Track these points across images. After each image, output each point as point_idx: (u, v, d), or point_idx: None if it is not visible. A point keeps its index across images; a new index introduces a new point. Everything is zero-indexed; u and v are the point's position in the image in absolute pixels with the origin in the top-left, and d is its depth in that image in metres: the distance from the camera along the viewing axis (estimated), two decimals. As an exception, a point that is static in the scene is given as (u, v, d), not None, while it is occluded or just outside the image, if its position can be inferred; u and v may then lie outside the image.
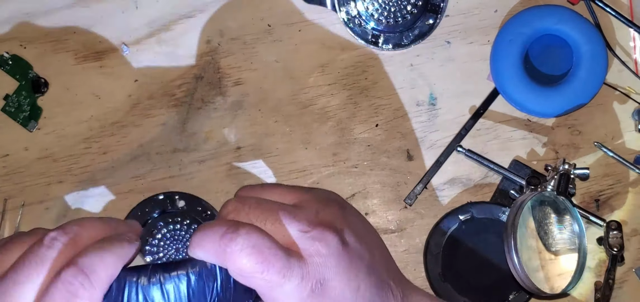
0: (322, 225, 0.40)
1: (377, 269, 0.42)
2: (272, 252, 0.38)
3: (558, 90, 0.59)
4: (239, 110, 0.62)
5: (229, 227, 0.39)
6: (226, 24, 0.62)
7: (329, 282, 0.39)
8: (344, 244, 0.41)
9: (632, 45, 0.61)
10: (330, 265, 0.39)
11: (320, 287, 0.39)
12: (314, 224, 0.40)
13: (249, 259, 0.38)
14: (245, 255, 0.38)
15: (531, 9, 0.60)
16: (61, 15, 0.62)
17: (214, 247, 0.38)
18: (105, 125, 0.62)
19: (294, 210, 0.41)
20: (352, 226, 0.43)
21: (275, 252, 0.38)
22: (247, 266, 0.38)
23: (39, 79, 0.62)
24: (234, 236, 0.38)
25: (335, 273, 0.39)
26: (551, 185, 0.57)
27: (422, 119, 0.62)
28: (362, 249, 0.42)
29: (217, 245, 0.38)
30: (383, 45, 0.61)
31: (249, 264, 0.38)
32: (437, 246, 0.60)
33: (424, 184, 0.61)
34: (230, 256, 0.38)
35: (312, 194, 0.44)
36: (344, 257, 0.40)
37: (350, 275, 0.40)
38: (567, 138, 0.61)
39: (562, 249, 0.56)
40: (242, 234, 0.38)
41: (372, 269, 0.42)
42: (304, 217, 0.41)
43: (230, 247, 0.38)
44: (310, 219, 0.41)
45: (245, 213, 0.41)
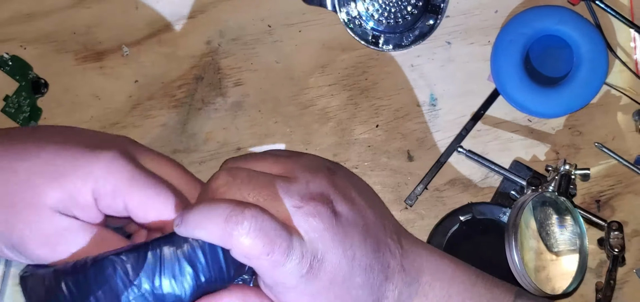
0: (314, 199, 0.40)
1: (372, 231, 0.42)
2: (277, 233, 0.38)
3: (559, 91, 0.59)
4: (239, 111, 0.62)
5: (234, 208, 0.38)
6: (226, 24, 0.62)
7: (325, 255, 0.39)
8: (337, 215, 0.41)
9: (632, 45, 0.61)
10: (325, 239, 0.39)
11: (318, 262, 0.39)
12: (307, 198, 0.40)
13: (256, 242, 0.37)
14: (251, 238, 0.37)
15: (532, 10, 0.60)
16: (61, 16, 0.62)
17: (219, 229, 0.38)
18: (105, 126, 0.62)
19: (286, 184, 0.41)
20: (343, 191, 0.42)
21: (280, 233, 0.38)
22: (253, 249, 0.38)
23: (38, 79, 0.62)
24: (241, 219, 0.38)
25: (330, 247, 0.40)
26: (552, 186, 0.57)
27: (422, 119, 0.62)
28: (356, 215, 0.42)
29: (223, 228, 0.38)
30: (383, 46, 0.61)
31: (255, 246, 0.38)
32: (438, 247, 0.60)
33: (425, 185, 0.61)
34: (236, 239, 0.38)
35: (300, 162, 0.44)
36: (338, 229, 0.40)
37: (345, 246, 0.40)
38: (567, 139, 0.61)
39: (563, 250, 0.56)
40: (248, 217, 0.38)
41: (367, 233, 0.42)
42: (296, 191, 0.40)
43: (237, 231, 0.37)
44: (302, 193, 0.40)
45: (237, 188, 0.40)
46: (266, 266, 0.38)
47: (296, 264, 0.38)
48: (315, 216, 0.40)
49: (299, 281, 0.39)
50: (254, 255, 0.38)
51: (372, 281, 0.41)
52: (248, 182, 0.41)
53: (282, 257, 0.38)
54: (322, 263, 0.39)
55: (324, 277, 0.39)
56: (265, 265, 0.38)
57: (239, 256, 0.38)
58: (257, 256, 0.38)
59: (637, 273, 0.61)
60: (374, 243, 0.42)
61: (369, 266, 0.41)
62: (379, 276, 0.42)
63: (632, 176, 0.61)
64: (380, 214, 0.45)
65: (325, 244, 0.39)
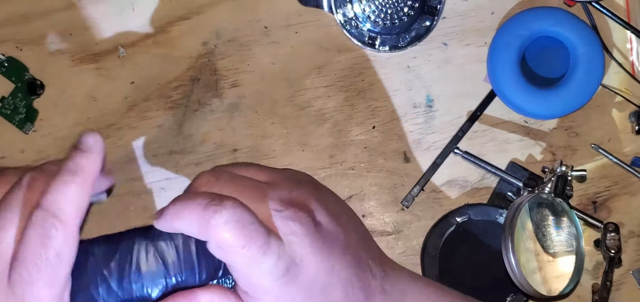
0: (295, 205, 0.40)
1: (353, 248, 0.42)
2: (254, 227, 0.37)
3: (555, 92, 0.59)
4: (236, 112, 0.62)
5: (213, 199, 0.38)
6: (223, 25, 0.62)
7: (303, 262, 0.39)
8: (317, 225, 0.40)
9: (629, 47, 0.61)
10: (304, 245, 0.39)
11: (295, 266, 0.38)
12: (288, 204, 0.40)
13: (233, 233, 0.37)
14: (228, 228, 0.37)
15: (528, 11, 0.60)
16: (57, 17, 0.62)
17: (197, 217, 0.37)
18: (101, 127, 0.62)
19: (268, 188, 0.41)
20: (325, 205, 0.42)
21: (257, 228, 0.37)
22: (229, 240, 0.37)
23: (35, 81, 0.62)
24: (219, 208, 0.37)
25: (309, 253, 0.39)
26: (548, 187, 0.57)
27: (419, 121, 0.61)
28: (337, 229, 0.41)
29: (201, 215, 0.37)
30: (380, 47, 0.61)
31: (231, 237, 0.37)
32: (435, 248, 0.60)
33: (421, 186, 0.61)
34: (213, 228, 0.37)
35: (284, 174, 0.44)
36: (317, 238, 0.39)
37: (323, 254, 0.39)
38: (564, 140, 0.61)
39: (559, 251, 0.56)
40: (227, 206, 0.37)
41: (347, 248, 0.41)
42: (278, 195, 0.40)
43: (215, 219, 0.37)
44: (283, 198, 0.40)
45: (219, 188, 0.40)
46: (241, 261, 0.37)
47: (273, 264, 0.37)
48: (295, 220, 0.39)
49: (275, 284, 0.38)
50: (230, 246, 0.37)
51: (351, 297, 0.40)
52: (230, 183, 0.40)
53: (257, 254, 0.37)
54: (299, 269, 0.38)
55: (301, 283, 0.39)
56: (240, 261, 0.37)
57: (215, 248, 0.38)
58: (233, 247, 0.37)
59: (634, 274, 0.61)
60: (354, 260, 0.41)
61: (348, 280, 0.40)
62: (359, 293, 0.41)
63: (629, 177, 0.61)
64: (362, 237, 0.44)
65: (304, 249, 0.39)
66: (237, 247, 0.37)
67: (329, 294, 0.40)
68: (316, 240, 0.39)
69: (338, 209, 0.44)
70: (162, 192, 0.61)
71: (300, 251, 0.39)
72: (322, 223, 0.41)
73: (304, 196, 0.41)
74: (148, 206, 0.61)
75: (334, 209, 0.43)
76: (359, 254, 0.42)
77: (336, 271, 0.40)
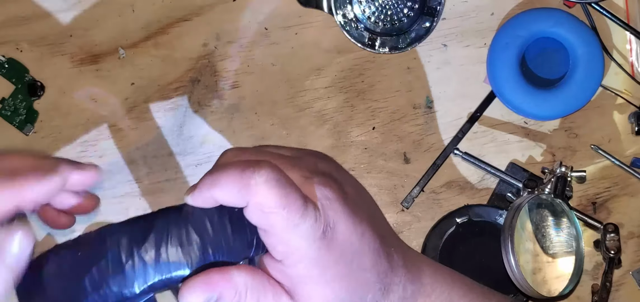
0: (323, 173, 0.40)
1: (376, 222, 0.42)
2: (292, 189, 0.37)
3: (555, 93, 0.59)
4: (236, 113, 0.62)
5: (249, 162, 0.37)
6: (223, 27, 0.62)
7: (337, 226, 0.38)
8: (345, 192, 0.40)
9: (628, 48, 0.61)
10: (337, 209, 0.38)
11: (331, 230, 0.38)
12: (316, 172, 0.40)
13: (273, 193, 0.36)
14: (269, 188, 0.36)
15: (527, 12, 0.60)
16: (58, 19, 0.62)
17: (235, 181, 0.36)
18: (101, 128, 0.62)
19: (294, 159, 0.41)
20: (348, 180, 0.42)
21: (294, 189, 0.37)
22: (271, 199, 0.36)
23: (35, 82, 0.62)
24: (258, 168, 0.36)
25: (341, 218, 0.39)
26: (548, 188, 0.57)
27: (418, 122, 0.61)
28: (361, 201, 0.42)
29: (239, 179, 0.36)
30: (380, 48, 0.61)
31: (273, 197, 0.36)
32: (434, 249, 0.60)
33: (421, 187, 0.61)
34: (254, 188, 0.36)
35: (306, 151, 0.44)
36: (348, 203, 0.39)
37: (355, 220, 0.39)
38: (563, 141, 0.61)
39: (559, 252, 0.55)
40: (266, 167, 0.37)
41: (374, 219, 0.41)
42: (304, 165, 0.40)
43: (255, 179, 0.36)
44: (310, 168, 0.40)
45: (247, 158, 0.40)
46: (281, 224, 0.37)
47: (310, 225, 0.37)
48: (325, 185, 0.39)
49: (311, 249, 0.37)
50: (271, 206, 0.36)
51: (379, 267, 0.40)
52: (258, 153, 0.40)
53: (296, 215, 0.36)
54: (334, 233, 0.38)
55: (335, 248, 0.38)
56: (280, 223, 0.37)
57: (254, 212, 0.37)
58: (274, 208, 0.36)
59: (633, 275, 0.60)
60: (380, 231, 0.41)
61: (376, 249, 0.40)
62: (385, 264, 0.41)
63: (628, 178, 0.61)
64: (380, 216, 0.45)
65: (336, 214, 0.38)
66: (279, 208, 0.36)
67: (360, 260, 0.40)
68: (347, 206, 0.39)
69: (358, 186, 0.44)
70: (162, 194, 0.61)
71: (334, 215, 0.38)
72: (349, 192, 0.41)
73: (328, 168, 0.42)
74: (148, 208, 0.61)
75: (355, 185, 0.43)
76: (383, 227, 0.43)
77: (366, 238, 0.40)
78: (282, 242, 0.38)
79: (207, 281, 0.37)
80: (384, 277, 0.41)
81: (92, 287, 0.37)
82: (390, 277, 0.41)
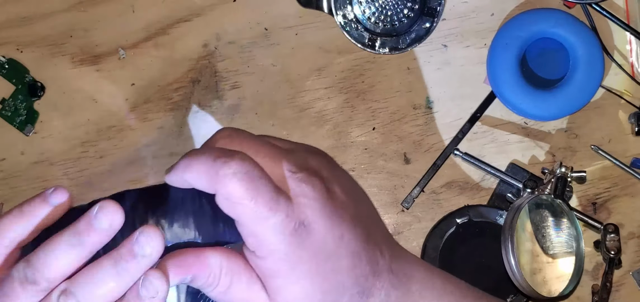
0: (310, 170, 0.40)
1: (364, 223, 0.42)
2: (262, 182, 0.37)
3: (555, 93, 0.59)
4: (236, 114, 0.62)
5: (223, 152, 0.38)
6: (223, 27, 0.62)
7: (312, 225, 0.38)
8: (330, 191, 0.40)
9: (628, 48, 0.61)
10: (315, 208, 0.38)
11: (304, 228, 0.38)
12: (302, 168, 0.40)
13: (240, 185, 0.37)
14: (237, 179, 0.37)
15: (528, 13, 0.60)
16: (58, 19, 0.61)
17: (206, 169, 0.37)
18: (101, 129, 0.62)
19: (285, 151, 0.41)
20: (338, 178, 0.42)
21: (265, 182, 0.37)
22: (237, 191, 0.37)
23: (35, 82, 0.61)
24: (229, 159, 0.37)
25: (319, 217, 0.39)
26: (548, 188, 0.57)
27: (419, 122, 0.61)
28: (348, 201, 0.41)
29: (210, 167, 0.37)
30: (380, 48, 0.61)
31: (239, 189, 0.37)
32: (435, 250, 0.60)
33: (421, 188, 0.61)
34: (222, 179, 0.37)
35: (301, 145, 0.44)
36: (328, 204, 0.39)
37: (333, 221, 0.39)
38: (564, 141, 0.61)
39: (559, 252, 0.55)
40: (237, 159, 0.37)
41: (359, 221, 0.41)
42: (293, 159, 0.40)
43: (223, 170, 0.37)
44: (298, 163, 0.40)
45: (239, 142, 0.40)
46: (248, 215, 0.37)
47: (279, 221, 0.37)
48: (308, 183, 0.39)
49: (281, 243, 0.38)
50: (237, 197, 0.37)
51: (358, 271, 0.40)
52: (249, 140, 0.40)
53: (265, 208, 0.37)
54: (307, 231, 0.38)
55: (308, 247, 0.38)
56: (247, 215, 0.37)
57: (223, 201, 0.37)
58: (240, 199, 0.37)
59: (634, 275, 0.60)
60: (364, 234, 0.41)
61: (356, 252, 0.40)
62: (366, 267, 0.41)
63: (628, 178, 0.61)
64: (373, 216, 0.44)
65: (314, 213, 0.38)
66: (245, 200, 0.37)
67: (336, 262, 0.39)
68: (327, 206, 0.39)
69: (350, 185, 0.44)
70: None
71: (310, 214, 0.38)
72: (335, 192, 0.40)
73: (319, 164, 0.41)
74: (148, 208, 0.61)
75: (346, 183, 0.43)
76: (369, 229, 0.42)
77: (345, 241, 0.40)
78: (252, 234, 0.38)
79: (180, 263, 0.38)
80: (364, 281, 0.40)
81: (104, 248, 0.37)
82: (372, 281, 0.41)
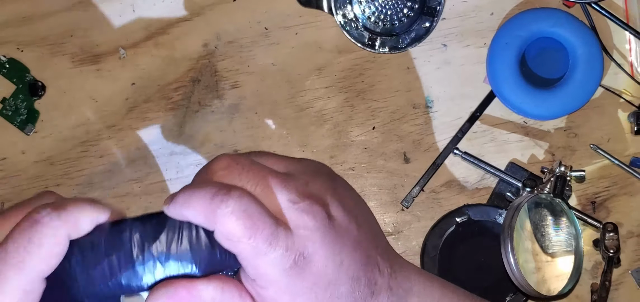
0: (311, 197, 0.40)
1: (364, 244, 0.42)
2: (261, 218, 0.37)
3: (554, 93, 0.59)
4: (236, 113, 0.61)
5: (221, 188, 0.37)
6: (223, 27, 0.61)
7: (313, 256, 0.38)
8: (331, 218, 0.40)
9: (627, 47, 0.61)
10: (315, 239, 0.38)
11: (304, 260, 0.38)
12: (303, 196, 0.39)
13: (238, 223, 0.36)
14: (235, 218, 0.36)
15: (527, 12, 0.59)
16: (58, 19, 0.61)
17: (204, 207, 0.37)
18: (102, 128, 0.61)
19: (285, 178, 0.40)
20: (340, 198, 0.42)
21: (264, 219, 0.37)
22: (235, 230, 0.37)
23: (36, 82, 0.61)
24: (226, 197, 0.37)
25: (319, 247, 0.39)
26: (547, 187, 0.57)
27: (418, 121, 0.61)
28: (350, 224, 0.41)
29: (208, 205, 0.37)
30: (380, 48, 0.61)
31: (237, 227, 0.36)
32: (434, 248, 0.59)
33: (421, 187, 0.61)
34: (220, 218, 0.37)
35: (302, 164, 0.44)
36: (329, 232, 0.39)
37: (334, 249, 0.39)
38: (563, 140, 0.61)
39: (558, 251, 0.55)
40: (234, 197, 0.37)
41: (359, 244, 0.41)
42: (294, 187, 0.40)
43: (221, 209, 0.36)
44: (299, 190, 0.40)
45: (238, 173, 0.40)
46: (248, 251, 0.37)
47: (279, 255, 0.37)
48: (309, 213, 0.39)
49: (281, 276, 0.38)
50: (235, 236, 0.37)
51: (356, 294, 0.40)
52: (248, 170, 0.40)
53: (264, 244, 0.37)
54: (308, 262, 0.38)
55: (308, 277, 0.38)
56: (247, 250, 0.37)
57: (222, 237, 0.37)
58: (238, 237, 0.37)
59: (633, 274, 0.60)
60: (364, 256, 0.41)
61: (355, 276, 0.40)
62: (365, 290, 0.41)
63: (628, 177, 0.61)
64: (373, 232, 0.44)
65: (314, 244, 0.38)
66: (244, 238, 0.37)
67: (335, 288, 0.39)
68: (328, 234, 0.39)
69: (352, 203, 0.43)
70: (163, 194, 0.61)
71: (311, 245, 0.38)
72: (336, 217, 0.40)
73: (321, 188, 0.41)
74: (149, 208, 0.61)
75: (349, 203, 0.43)
76: (369, 251, 0.42)
77: (345, 267, 0.40)
78: (251, 266, 0.38)
79: (170, 294, 0.37)
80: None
81: (102, 279, 0.37)
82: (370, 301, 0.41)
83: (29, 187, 0.61)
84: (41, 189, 0.61)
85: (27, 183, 0.61)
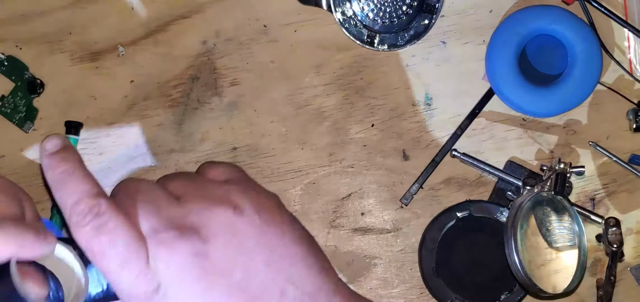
0: (180, 229, 0.36)
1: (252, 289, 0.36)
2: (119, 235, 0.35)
3: (553, 90, 0.56)
4: (235, 110, 0.58)
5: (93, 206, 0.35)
6: (222, 24, 0.58)
7: (168, 290, 0.35)
8: (199, 256, 0.36)
9: (626, 44, 0.58)
10: (168, 275, 0.35)
11: (156, 293, 0.35)
12: (172, 227, 0.36)
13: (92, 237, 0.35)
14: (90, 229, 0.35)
15: (526, 9, 0.57)
16: (57, 16, 0.58)
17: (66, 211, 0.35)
18: (101, 126, 0.58)
19: (163, 205, 0.37)
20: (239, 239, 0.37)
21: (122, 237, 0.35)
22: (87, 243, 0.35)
23: (34, 80, 0.58)
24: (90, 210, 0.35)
25: (176, 282, 0.35)
26: (548, 185, 0.54)
27: (417, 119, 0.58)
28: (231, 268, 0.36)
29: (68, 212, 0.35)
30: (378, 45, 0.57)
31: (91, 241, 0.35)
32: (433, 241, 0.56)
33: (420, 184, 0.58)
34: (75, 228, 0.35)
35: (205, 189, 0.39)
36: (190, 272, 0.35)
37: (195, 291, 0.36)
38: (562, 138, 0.58)
39: (562, 248, 0.52)
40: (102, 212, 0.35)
41: (238, 290, 0.36)
42: (167, 215, 0.36)
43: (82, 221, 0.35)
44: (172, 218, 0.36)
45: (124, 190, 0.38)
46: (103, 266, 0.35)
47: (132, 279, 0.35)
48: (167, 247, 0.35)
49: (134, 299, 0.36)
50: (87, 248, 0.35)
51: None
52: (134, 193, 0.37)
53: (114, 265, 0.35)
54: (163, 294, 0.35)
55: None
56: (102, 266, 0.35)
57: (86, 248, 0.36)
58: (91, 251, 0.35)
59: (632, 271, 0.57)
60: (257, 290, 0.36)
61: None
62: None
63: (626, 174, 0.58)
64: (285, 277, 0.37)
65: (168, 280, 0.35)
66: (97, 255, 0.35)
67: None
68: (188, 274, 0.35)
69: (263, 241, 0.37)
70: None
71: (164, 281, 0.35)
72: (211, 256, 0.36)
73: (206, 220, 0.37)
74: (148, 205, 0.58)
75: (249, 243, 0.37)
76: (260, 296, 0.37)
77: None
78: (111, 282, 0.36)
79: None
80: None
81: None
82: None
83: (27, 185, 0.58)
84: (40, 187, 0.58)
85: (26, 181, 0.58)
